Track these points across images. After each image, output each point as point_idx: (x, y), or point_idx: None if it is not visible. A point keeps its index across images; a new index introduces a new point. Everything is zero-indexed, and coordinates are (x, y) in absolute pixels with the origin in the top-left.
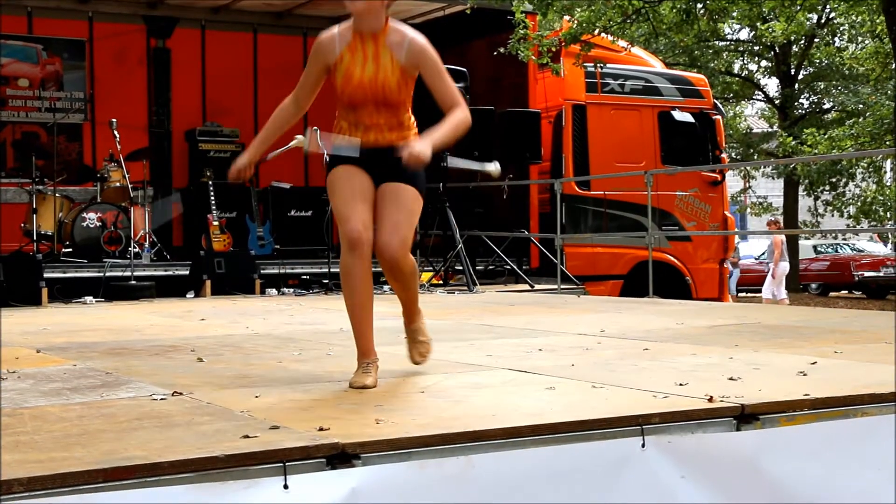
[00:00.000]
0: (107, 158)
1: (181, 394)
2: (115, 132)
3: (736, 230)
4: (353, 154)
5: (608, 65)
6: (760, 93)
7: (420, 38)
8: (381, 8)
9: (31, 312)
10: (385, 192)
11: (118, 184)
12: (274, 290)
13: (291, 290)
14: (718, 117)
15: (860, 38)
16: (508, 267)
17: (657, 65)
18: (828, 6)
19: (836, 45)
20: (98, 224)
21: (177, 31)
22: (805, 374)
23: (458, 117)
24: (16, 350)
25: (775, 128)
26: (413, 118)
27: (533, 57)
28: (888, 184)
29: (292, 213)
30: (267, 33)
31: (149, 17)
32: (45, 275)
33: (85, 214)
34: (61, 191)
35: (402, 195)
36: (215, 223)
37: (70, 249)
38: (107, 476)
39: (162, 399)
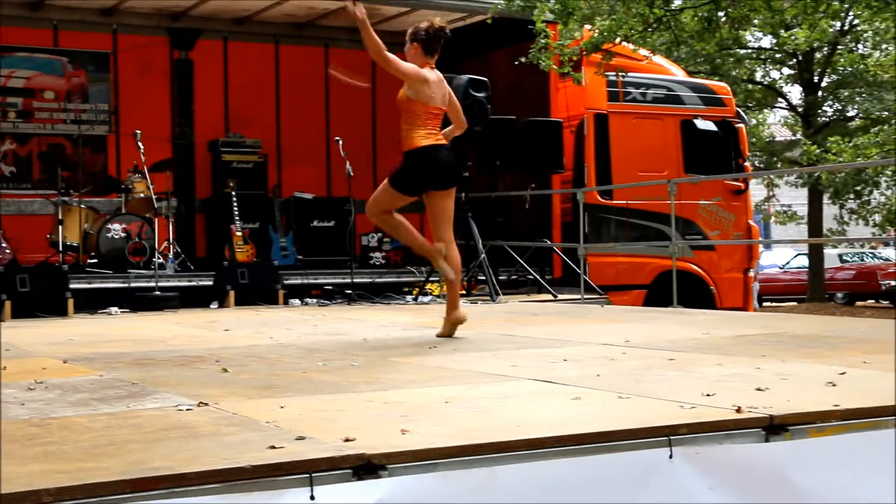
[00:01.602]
0: (131, 170)
1: (207, 404)
2: (139, 143)
3: (760, 239)
4: None
5: (630, 74)
6: (783, 101)
7: None
8: None
9: (57, 323)
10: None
11: (142, 195)
12: (297, 301)
13: (314, 300)
14: (741, 125)
15: (884, 45)
16: (531, 277)
17: (679, 73)
18: (851, 13)
19: (860, 52)
20: (123, 235)
21: (199, 43)
22: (834, 385)
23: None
24: (43, 360)
25: (798, 136)
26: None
27: (554, 66)
28: None
29: (315, 223)
30: (288, 44)
31: (172, 28)
32: (71, 286)
33: (110, 225)
34: (86, 202)
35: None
36: (238, 234)
37: (95, 260)
38: (134, 486)
39: (188, 410)
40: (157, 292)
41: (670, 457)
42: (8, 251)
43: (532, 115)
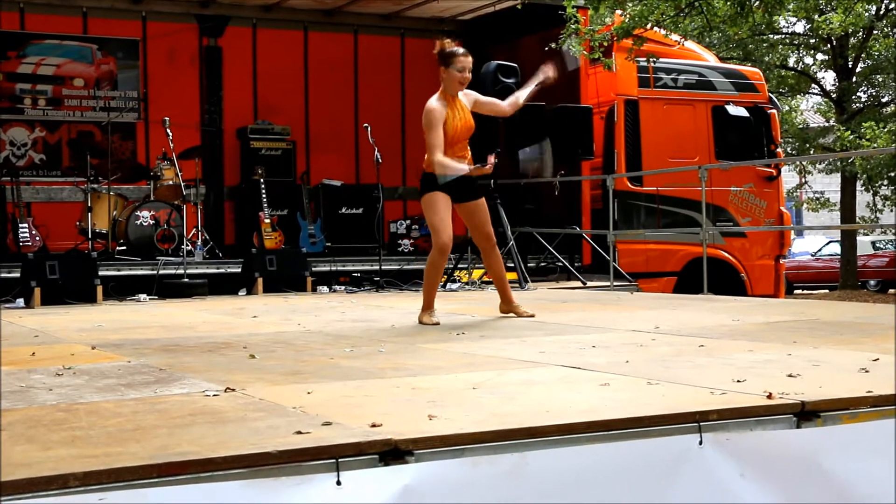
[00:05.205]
0: (160, 157)
1: (234, 390)
2: (168, 131)
3: (792, 226)
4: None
5: (661, 59)
6: (816, 86)
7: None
8: None
9: (86, 309)
10: (477, 207)
11: (171, 182)
12: (325, 288)
13: (343, 287)
14: (773, 111)
15: None
16: (560, 264)
17: (711, 59)
18: None
19: None
20: (151, 222)
21: (228, 30)
22: (867, 371)
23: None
24: (71, 346)
25: (832, 122)
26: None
27: (584, 52)
28: None
29: (343, 210)
30: (317, 31)
31: (201, 15)
32: (100, 272)
33: (138, 213)
34: (115, 189)
35: (484, 207)
36: (267, 221)
37: (124, 247)
38: (160, 471)
39: (214, 395)
40: (186, 279)
41: (700, 443)
42: (38, 238)
43: (562, 101)
